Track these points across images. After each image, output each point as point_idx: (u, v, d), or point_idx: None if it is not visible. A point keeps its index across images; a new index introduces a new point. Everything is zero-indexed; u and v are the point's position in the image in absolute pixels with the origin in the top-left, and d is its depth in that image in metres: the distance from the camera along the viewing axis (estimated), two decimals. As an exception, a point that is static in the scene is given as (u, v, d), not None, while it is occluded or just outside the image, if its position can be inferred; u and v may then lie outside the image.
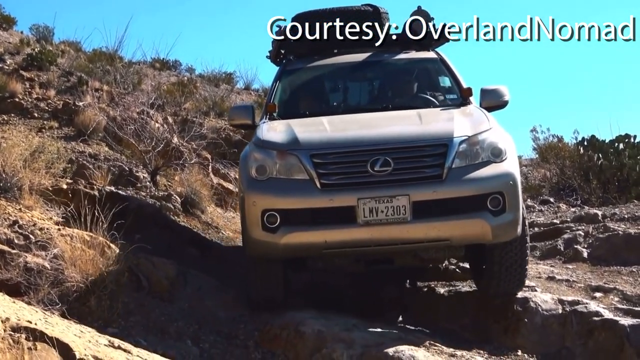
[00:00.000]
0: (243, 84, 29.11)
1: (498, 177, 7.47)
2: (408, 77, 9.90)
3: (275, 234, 7.41)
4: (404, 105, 9.10)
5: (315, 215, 7.41)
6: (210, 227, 11.95)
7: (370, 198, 7.25)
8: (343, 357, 7.02)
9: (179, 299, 8.26)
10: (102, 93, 17.16)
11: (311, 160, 7.46)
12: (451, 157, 7.39)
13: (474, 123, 7.98)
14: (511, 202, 7.46)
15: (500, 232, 7.50)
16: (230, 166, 15.19)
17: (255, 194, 7.59)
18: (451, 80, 9.64)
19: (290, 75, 10.15)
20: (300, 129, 8.06)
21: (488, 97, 8.84)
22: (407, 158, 7.45)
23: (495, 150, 7.59)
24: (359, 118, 8.74)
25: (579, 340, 7.98)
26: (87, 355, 5.21)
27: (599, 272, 10.02)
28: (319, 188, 7.37)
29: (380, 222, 7.26)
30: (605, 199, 15.82)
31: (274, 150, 7.74)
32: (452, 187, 7.32)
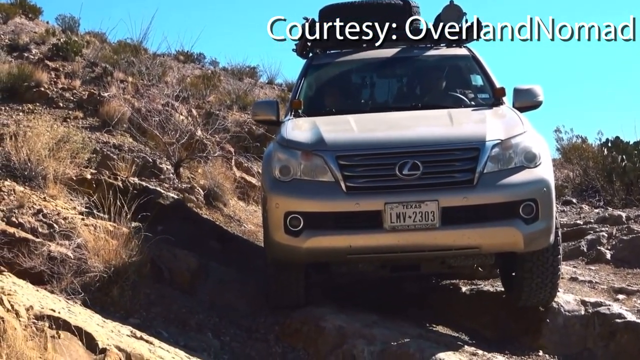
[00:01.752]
0: (266, 78, 29.12)
1: (531, 183, 7.20)
2: (439, 74, 9.64)
3: (298, 237, 7.19)
4: (434, 104, 8.86)
5: (340, 220, 7.19)
6: (232, 220, 11.95)
7: (398, 203, 7.00)
8: (364, 353, 7.02)
9: (200, 291, 8.28)
10: (127, 84, 17.17)
11: (337, 161, 7.22)
12: (483, 161, 7.14)
13: (507, 126, 7.71)
14: (544, 209, 7.19)
15: (532, 241, 7.23)
16: (254, 160, 15.18)
17: (278, 195, 7.38)
18: (483, 78, 9.34)
19: (317, 71, 9.89)
20: (326, 128, 7.82)
21: (521, 97, 8.57)
22: (436, 162, 7.22)
23: (529, 155, 7.33)
24: (388, 117, 8.55)
25: (601, 342, 7.95)
26: (109, 345, 5.23)
27: (622, 274, 9.96)
28: (344, 191, 7.13)
29: (408, 228, 7.02)
30: (629, 201, 15.71)
31: (299, 151, 7.51)
32: (483, 193, 7.08)
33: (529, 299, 7.99)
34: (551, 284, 7.85)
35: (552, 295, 8.05)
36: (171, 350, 6.02)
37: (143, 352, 5.41)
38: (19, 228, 7.67)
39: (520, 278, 7.86)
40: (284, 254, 7.49)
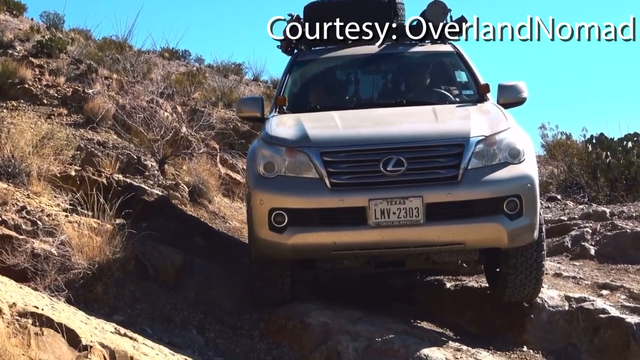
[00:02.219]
0: (252, 75, 29.14)
1: (515, 179, 7.21)
2: (423, 70, 9.63)
3: (283, 234, 7.19)
4: (419, 100, 8.90)
5: (325, 216, 7.19)
6: (217, 217, 11.94)
7: (382, 199, 7.00)
8: (348, 349, 7.02)
9: (184, 288, 8.27)
10: (112, 81, 17.14)
11: (321, 158, 7.21)
12: (467, 157, 7.13)
13: (491, 122, 7.72)
14: (528, 205, 7.21)
15: (516, 236, 7.24)
16: (239, 156, 15.16)
17: (262, 192, 7.37)
18: (468, 75, 9.29)
19: (302, 67, 9.83)
20: (310, 125, 7.82)
21: (506, 93, 8.55)
22: (421, 158, 7.21)
23: (513, 151, 7.34)
24: (372, 114, 8.53)
25: (585, 337, 7.98)
26: (93, 342, 5.21)
27: (606, 270, 10.00)
28: (328, 187, 7.13)
29: (392, 224, 7.02)
30: (613, 197, 15.78)
31: (283, 147, 7.49)
32: (467, 189, 7.08)
33: (513, 295, 7.99)
34: (535, 279, 7.85)
35: (537, 290, 8.06)
36: (155, 347, 6.01)
37: (127, 348, 5.40)
38: (3, 225, 7.63)
39: (504, 274, 7.87)
40: (269, 251, 7.47)
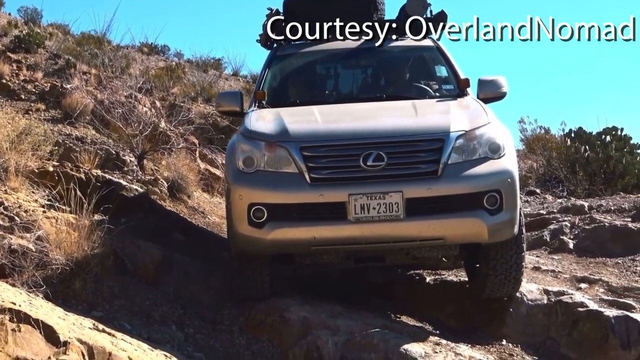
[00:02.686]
0: (231, 70, 29.09)
1: (495, 174, 7.19)
2: (403, 65, 9.61)
3: (262, 229, 7.14)
4: (399, 94, 8.87)
5: (304, 211, 7.15)
6: (197, 212, 11.91)
7: (362, 194, 6.97)
8: (328, 344, 7.02)
9: (164, 284, 8.24)
10: (90, 76, 17.09)
11: (301, 153, 7.16)
12: (447, 152, 7.11)
13: (471, 117, 7.70)
14: (508, 200, 7.19)
15: (496, 231, 7.22)
16: (218, 151, 15.13)
17: (241, 187, 7.32)
18: (448, 70, 9.31)
19: (281, 62, 9.84)
20: (290, 119, 7.77)
21: (486, 88, 8.55)
22: (401, 153, 7.17)
23: (493, 145, 7.32)
24: (352, 108, 8.53)
25: (564, 330, 8.00)
26: (71, 338, 5.18)
27: (585, 263, 10.04)
28: (308, 182, 7.08)
29: (372, 219, 6.98)
30: (592, 191, 15.87)
31: (263, 142, 7.43)
32: (447, 184, 7.05)
33: (493, 291, 8.01)
34: (515, 275, 7.87)
35: (516, 286, 8.07)
36: (134, 343, 5.98)
37: (105, 344, 5.38)
38: (-20, 221, 7.60)
39: (484, 270, 7.90)
40: (248, 246, 7.42)
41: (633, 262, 9.89)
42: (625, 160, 16.44)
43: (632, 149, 17.12)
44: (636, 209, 11.70)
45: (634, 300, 8.39)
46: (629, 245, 10.44)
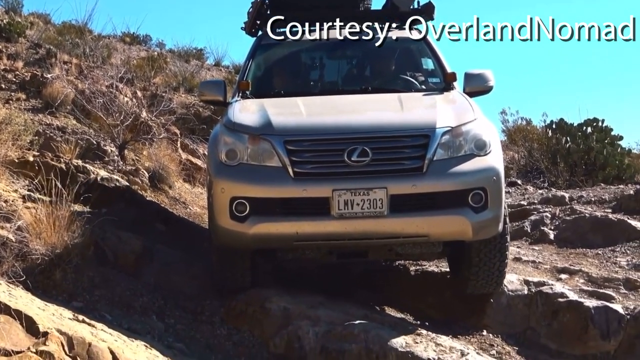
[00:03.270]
0: (213, 60, 29.11)
1: (481, 171, 7.13)
2: (389, 57, 9.49)
3: (244, 223, 7.05)
4: (384, 87, 8.79)
5: (287, 206, 7.05)
6: (178, 203, 11.89)
7: (346, 190, 6.89)
8: (309, 334, 7.03)
9: (144, 274, 8.23)
10: (71, 66, 17.00)
11: (285, 146, 7.06)
12: (433, 148, 7.03)
13: (457, 112, 7.62)
14: (494, 198, 7.14)
15: (481, 229, 7.18)
16: (199, 142, 15.11)
17: (224, 180, 7.21)
18: (434, 62, 9.21)
19: (266, 51, 9.71)
20: (274, 111, 7.67)
21: (472, 82, 8.50)
22: (386, 148, 7.10)
23: (479, 142, 7.25)
24: (337, 101, 8.41)
25: (544, 321, 8.04)
26: (51, 328, 5.17)
27: (565, 254, 10.08)
28: (291, 177, 6.98)
29: (356, 215, 6.91)
30: (572, 182, 15.94)
31: (246, 134, 7.33)
32: (432, 181, 6.98)
33: (476, 288, 8.01)
34: (498, 273, 7.88)
35: (499, 283, 8.09)
36: (114, 333, 5.97)
37: (85, 335, 5.36)
38: (-41, 211, 7.56)
39: (467, 266, 7.89)
40: (230, 240, 7.35)
41: (613, 253, 9.94)
42: (606, 152, 16.51)
43: (612, 141, 17.20)
44: (616, 200, 11.75)
45: (614, 291, 8.43)
46: (609, 236, 10.49)
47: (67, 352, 5.04)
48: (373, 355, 6.75)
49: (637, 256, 9.74)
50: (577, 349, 7.87)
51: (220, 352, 7.05)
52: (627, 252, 9.94)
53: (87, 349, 5.18)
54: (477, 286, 8.01)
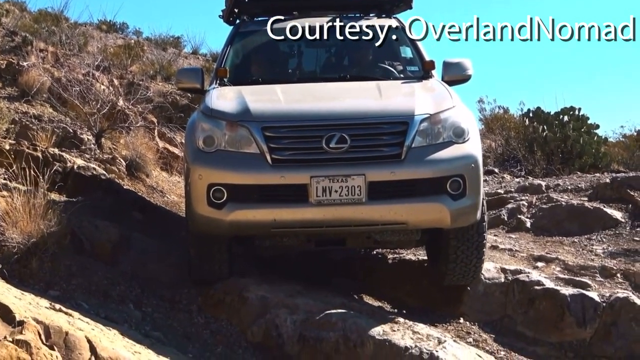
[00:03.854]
0: (190, 48, 29.05)
1: (459, 159, 7.12)
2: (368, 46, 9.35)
3: (222, 210, 7.01)
4: (363, 75, 8.80)
5: (265, 193, 7.02)
6: (155, 191, 11.85)
7: (324, 177, 6.86)
8: (287, 322, 7.04)
9: (121, 263, 8.20)
10: (47, 54, 16.89)
11: (263, 133, 7.02)
12: (411, 136, 7.02)
13: (436, 100, 7.60)
14: (472, 186, 7.13)
15: (459, 217, 7.18)
16: (177, 130, 15.04)
17: (201, 166, 7.16)
18: (413, 51, 9.17)
19: (244, 38, 9.66)
20: (252, 98, 7.61)
21: (451, 70, 8.46)
22: (364, 135, 7.09)
23: (457, 130, 7.24)
24: (316, 88, 8.36)
25: (521, 309, 8.08)
26: (27, 317, 5.15)
27: (542, 242, 10.13)
28: (269, 163, 6.95)
29: (334, 202, 6.89)
30: (549, 170, 16.01)
31: (224, 121, 7.29)
32: (411, 168, 6.97)
33: (454, 278, 8.01)
34: (476, 262, 7.89)
35: (476, 274, 8.11)
36: (91, 322, 5.96)
37: (62, 324, 5.35)
38: None
39: (444, 259, 7.89)
40: (207, 227, 7.31)
41: (589, 241, 10.00)
42: (583, 140, 16.60)
43: (589, 129, 17.28)
44: (593, 189, 11.80)
45: (590, 278, 8.49)
46: (586, 224, 10.55)
47: (43, 341, 5.02)
48: (351, 344, 6.78)
49: (613, 244, 9.81)
50: (553, 336, 7.92)
51: (197, 340, 7.05)
52: (603, 240, 10.00)
53: (64, 338, 5.16)
54: (453, 279, 8.02)
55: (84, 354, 5.12)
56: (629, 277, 8.68)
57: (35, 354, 4.79)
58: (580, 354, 7.81)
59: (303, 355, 6.91)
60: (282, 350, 6.98)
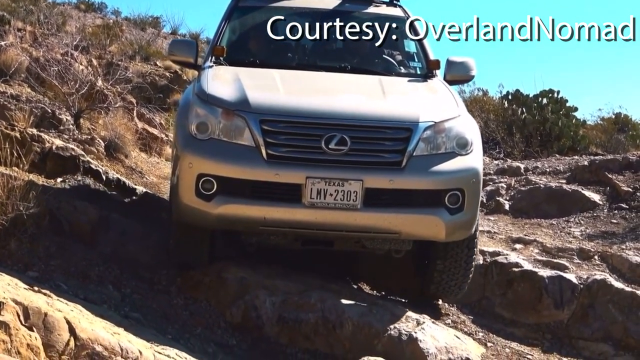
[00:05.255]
0: (170, 28, 28.97)
1: (460, 172, 6.86)
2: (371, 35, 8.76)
3: (210, 202, 6.70)
4: (364, 67, 8.37)
5: (257, 188, 6.69)
6: (134, 172, 11.81)
7: (320, 178, 6.57)
8: (266, 303, 7.05)
9: (101, 243, 8.16)
10: (25, 33, 16.81)
11: (260, 126, 6.69)
12: (414, 143, 6.75)
13: (441, 107, 7.28)
14: (470, 200, 6.90)
15: (454, 231, 6.95)
16: (156, 111, 15.01)
17: (192, 154, 6.80)
18: (417, 46, 8.77)
19: (243, 15, 9.14)
20: (250, 84, 7.27)
21: (454, 69, 8.18)
22: (365, 139, 6.79)
23: (461, 141, 6.96)
24: (316, 80, 8.00)
25: (499, 290, 8.15)
26: (6, 298, 5.13)
27: (520, 224, 10.20)
28: (264, 159, 6.63)
29: (328, 205, 6.60)
30: (528, 153, 16.11)
31: (220, 108, 6.92)
32: (410, 177, 6.70)
33: (439, 290, 7.83)
34: (462, 276, 7.66)
35: (462, 288, 7.86)
36: (70, 304, 5.93)
37: (41, 305, 5.32)
38: None
39: (432, 267, 7.67)
40: (192, 218, 7.02)
41: (567, 223, 10.07)
42: (561, 123, 16.71)
43: (568, 112, 17.40)
44: (571, 171, 11.88)
45: (568, 260, 8.56)
46: (564, 206, 10.64)
47: (22, 322, 5.00)
48: (330, 325, 6.82)
49: (590, 226, 9.89)
50: (531, 318, 8.00)
51: (176, 322, 7.03)
52: (581, 223, 10.08)
53: (43, 319, 5.14)
54: (438, 291, 7.85)
55: (63, 335, 5.10)
56: (606, 259, 8.77)
57: (14, 335, 4.78)
58: (558, 335, 7.90)
59: (282, 337, 6.94)
60: (262, 331, 6.99)
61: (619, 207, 10.46)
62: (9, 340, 4.73)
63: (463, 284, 7.76)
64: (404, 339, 6.64)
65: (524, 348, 7.63)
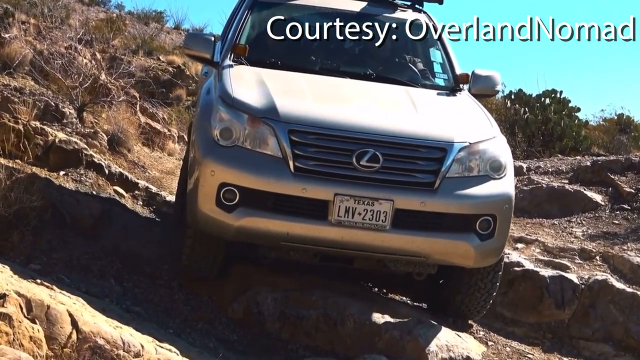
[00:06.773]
0: (173, 23, 28.98)
1: (493, 197, 6.57)
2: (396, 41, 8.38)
3: (231, 214, 6.31)
4: (389, 76, 7.87)
5: (282, 202, 6.31)
6: (137, 166, 11.82)
7: (350, 196, 6.21)
8: (267, 300, 7.04)
9: (103, 237, 8.16)
10: (29, 26, 16.83)
11: (289, 136, 6.31)
12: (447, 164, 6.42)
13: (475, 127, 6.95)
14: (502, 227, 6.60)
15: (483, 258, 6.69)
16: (159, 105, 15.04)
17: (214, 162, 6.39)
18: (443, 55, 8.34)
19: (263, 10, 8.48)
20: (276, 90, 6.84)
21: (480, 83, 7.82)
22: (398, 157, 6.41)
23: (495, 164, 6.66)
24: (343, 88, 7.53)
25: (500, 289, 8.10)
26: (9, 290, 5.13)
27: (522, 224, 10.18)
28: (291, 171, 6.25)
29: (355, 225, 6.24)
30: (530, 152, 16.08)
31: (246, 114, 6.51)
32: (442, 200, 6.38)
33: (459, 310, 7.54)
34: (485, 299, 7.40)
35: (483, 310, 7.58)
36: (72, 297, 5.94)
37: (43, 297, 5.33)
38: None
39: (455, 287, 7.39)
40: (210, 228, 6.64)
41: (569, 223, 10.07)
42: (564, 123, 16.69)
43: (570, 112, 17.38)
44: (573, 171, 11.88)
45: (569, 260, 8.56)
46: (566, 206, 10.63)
47: (25, 315, 5.01)
48: (331, 322, 6.81)
49: (592, 227, 9.88)
50: (532, 317, 8.00)
51: (178, 316, 7.03)
52: (583, 223, 10.07)
53: (46, 312, 5.15)
54: (459, 310, 7.53)
55: (66, 327, 5.11)
56: (607, 259, 8.76)
57: (17, 327, 4.78)
58: (558, 335, 7.90)
59: (283, 333, 6.94)
60: (263, 327, 6.99)
61: (621, 207, 10.46)
62: (12, 332, 4.73)
63: (484, 306, 7.52)
64: (405, 337, 6.64)
65: (525, 347, 7.63)
